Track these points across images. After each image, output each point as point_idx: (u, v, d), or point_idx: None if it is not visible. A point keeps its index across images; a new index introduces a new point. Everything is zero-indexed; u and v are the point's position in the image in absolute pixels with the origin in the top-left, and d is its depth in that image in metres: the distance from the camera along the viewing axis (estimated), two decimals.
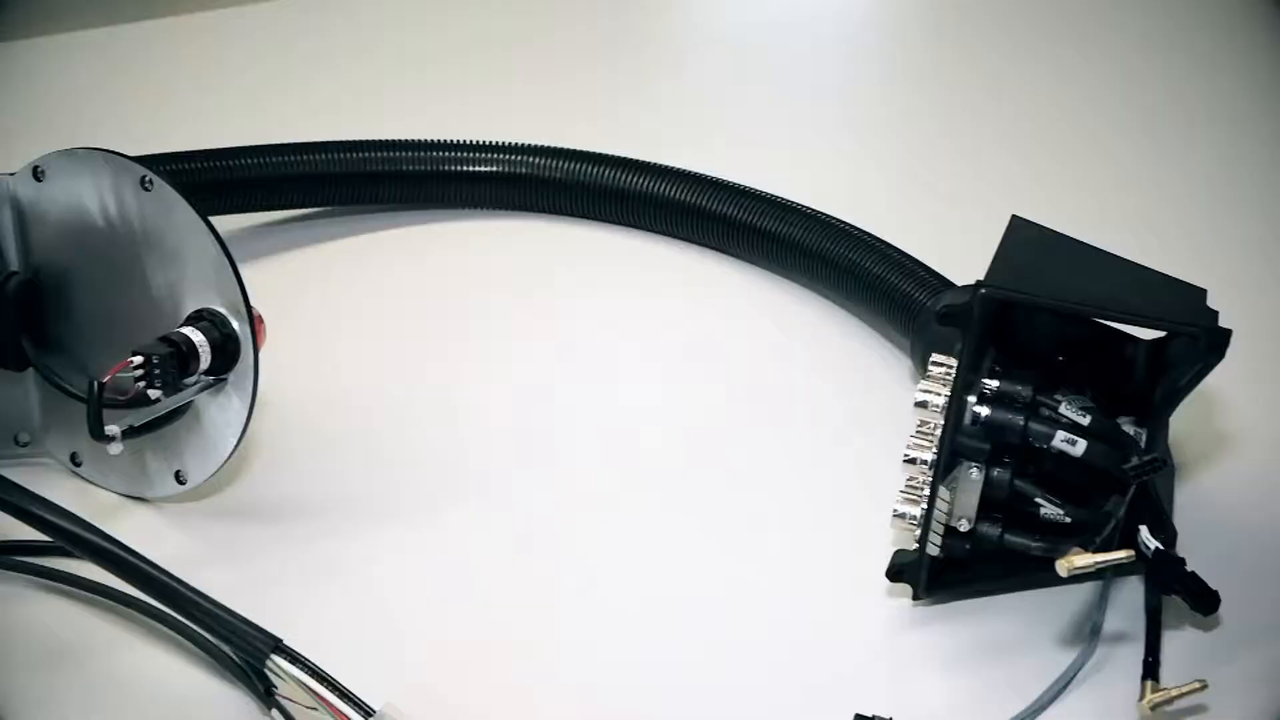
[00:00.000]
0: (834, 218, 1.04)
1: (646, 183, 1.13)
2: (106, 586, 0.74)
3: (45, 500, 0.72)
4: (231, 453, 0.80)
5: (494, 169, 1.15)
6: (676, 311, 1.06)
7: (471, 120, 1.22)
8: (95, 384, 0.74)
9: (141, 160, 0.79)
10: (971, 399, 0.72)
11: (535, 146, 1.16)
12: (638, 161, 1.15)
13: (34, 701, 0.70)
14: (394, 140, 1.15)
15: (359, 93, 1.40)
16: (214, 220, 0.78)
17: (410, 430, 0.91)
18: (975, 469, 0.72)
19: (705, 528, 0.83)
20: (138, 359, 0.75)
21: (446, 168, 1.15)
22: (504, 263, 1.12)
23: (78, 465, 0.86)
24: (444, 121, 1.20)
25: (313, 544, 0.81)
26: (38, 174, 0.82)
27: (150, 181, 0.78)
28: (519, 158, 1.16)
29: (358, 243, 1.13)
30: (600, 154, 1.16)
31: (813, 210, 1.06)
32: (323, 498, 0.85)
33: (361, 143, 1.14)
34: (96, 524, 0.71)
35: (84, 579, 0.75)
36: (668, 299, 1.07)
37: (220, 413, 0.80)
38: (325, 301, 1.05)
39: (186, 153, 1.08)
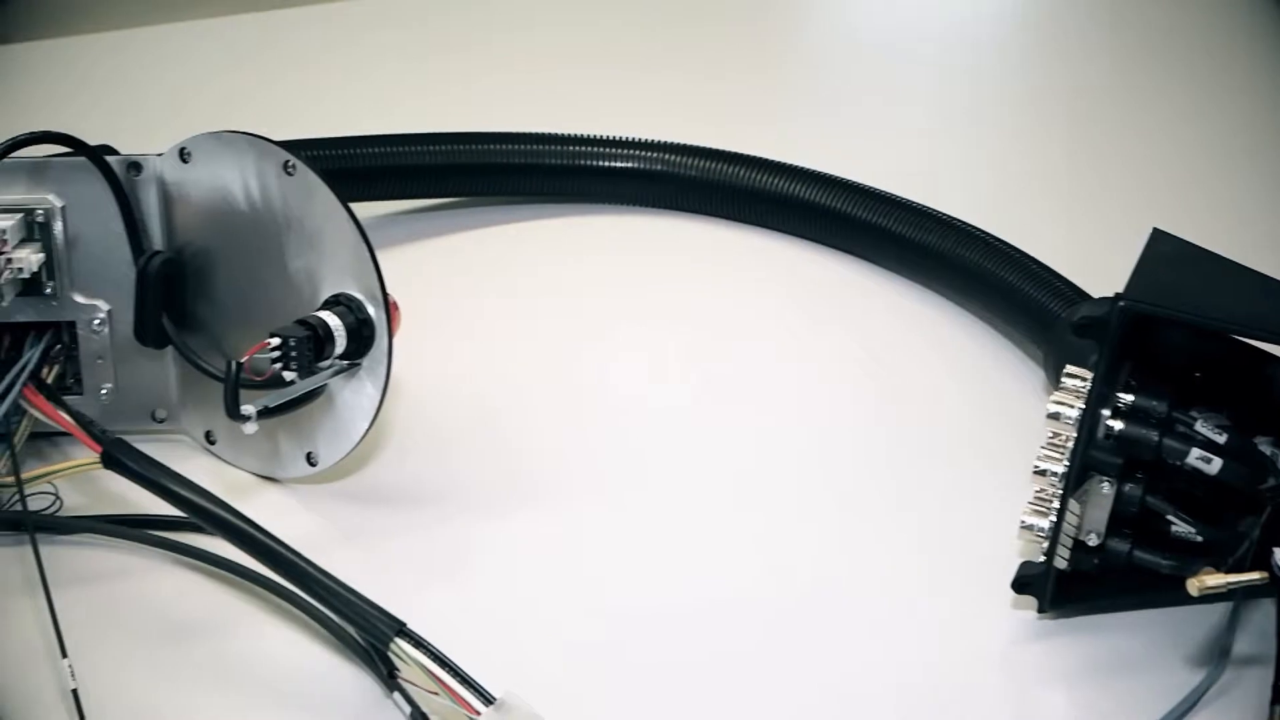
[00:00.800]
0: (969, 224, 1.04)
1: (784, 184, 1.13)
2: (236, 563, 0.76)
3: (181, 476, 0.74)
4: (362, 437, 0.81)
5: (629, 165, 1.16)
6: (804, 313, 1.06)
7: (597, 118, 1.22)
8: (233, 364, 0.75)
9: (285, 145, 0.81)
10: (1106, 412, 0.71)
11: (671, 144, 1.16)
12: (774, 162, 1.15)
13: (161, 672, 0.72)
14: (527, 134, 1.16)
15: (488, 88, 1.42)
16: (351, 207, 0.79)
17: (537, 422, 0.92)
18: (1107, 483, 0.71)
19: (828, 531, 0.83)
20: (275, 341, 0.76)
21: (581, 162, 1.16)
22: (634, 258, 1.12)
23: (212, 443, 0.87)
24: (570, 118, 1.21)
25: (438, 530, 0.82)
26: (184, 155, 0.83)
27: (293, 166, 0.80)
28: (654, 154, 1.16)
29: (489, 234, 1.14)
30: (735, 153, 1.16)
31: (948, 216, 1.05)
32: (449, 485, 0.85)
33: (494, 135, 1.15)
34: (229, 502, 0.72)
35: (214, 555, 0.77)
36: (797, 300, 1.07)
37: (353, 397, 0.81)
38: (457, 291, 1.06)
39: (327, 139, 1.09)
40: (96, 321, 0.85)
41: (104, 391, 0.87)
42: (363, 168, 1.09)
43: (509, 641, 0.74)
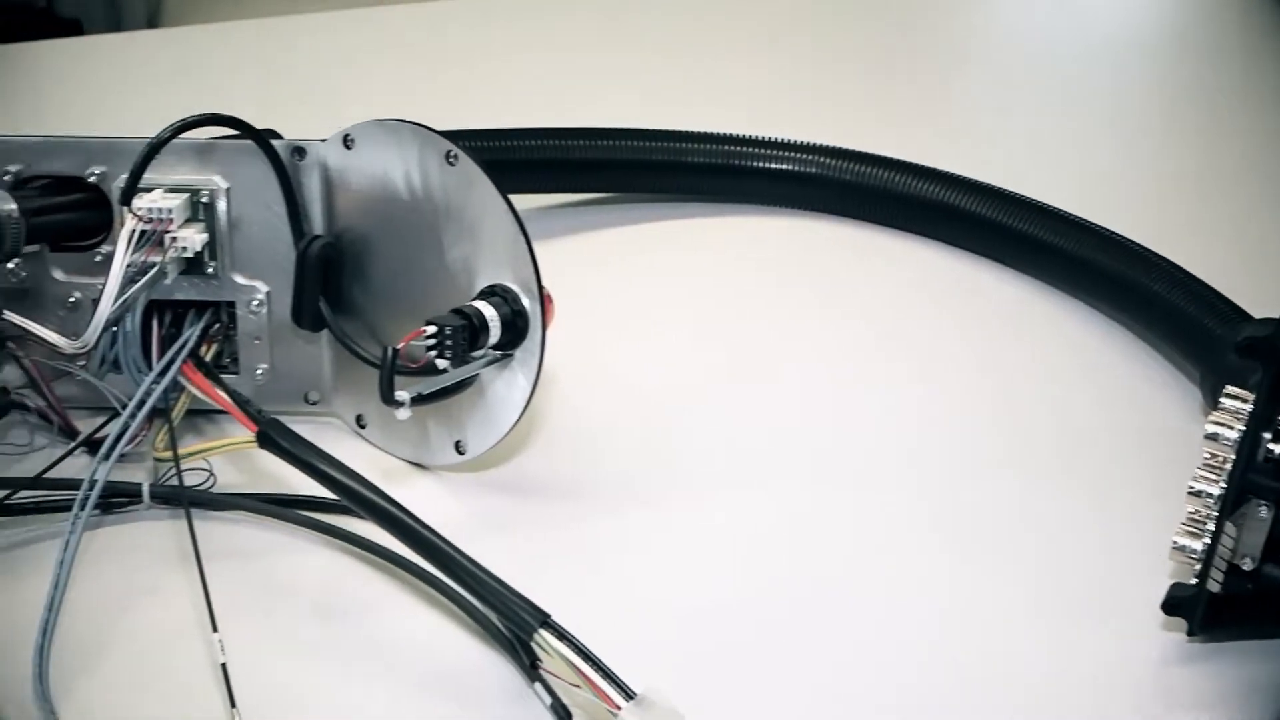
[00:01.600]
0: (1127, 238, 1.02)
1: (939, 191, 1.12)
2: (383, 547, 0.76)
3: (333, 459, 0.75)
4: (511, 428, 0.82)
5: (785, 167, 1.16)
6: (953, 322, 1.05)
7: (756, 119, 1.22)
8: (390, 350, 0.76)
9: (447, 134, 0.81)
10: (1267, 436, 0.69)
11: (824, 147, 1.16)
12: (930, 169, 1.14)
13: (306, 651, 0.73)
14: (680, 131, 1.16)
15: (638, 84, 1.42)
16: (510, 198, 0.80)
17: (685, 419, 0.92)
18: (1265, 508, 0.69)
19: (971, 545, 0.82)
20: (431, 329, 0.77)
21: (736, 162, 1.16)
22: (786, 259, 1.12)
23: (362, 427, 0.88)
24: (726, 117, 1.21)
25: (584, 524, 0.82)
26: (347, 142, 0.84)
27: (455, 156, 0.80)
28: (809, 157, 1.16)
29: (641, 230, 1.15)
30: (887, 158, 1.15)
31: (1106, 230, 1.04)
32: (597, 480, 0.85)
33: (650, 131, 1.15)
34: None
35: (362, 538, 0.78)
36: (946, 309, 1.07)
37: (504, 388, 0.81)
38: (609, 285, 1.07)
39: (487, 130, 1.10)
40: (255, 302, 0.87)
41: (259, 372, 0.88)
42: (521, 160, 1.10)
43: (651, 637, 0.74)
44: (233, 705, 0.66)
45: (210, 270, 0.86)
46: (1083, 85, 1.51)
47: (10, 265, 0.85)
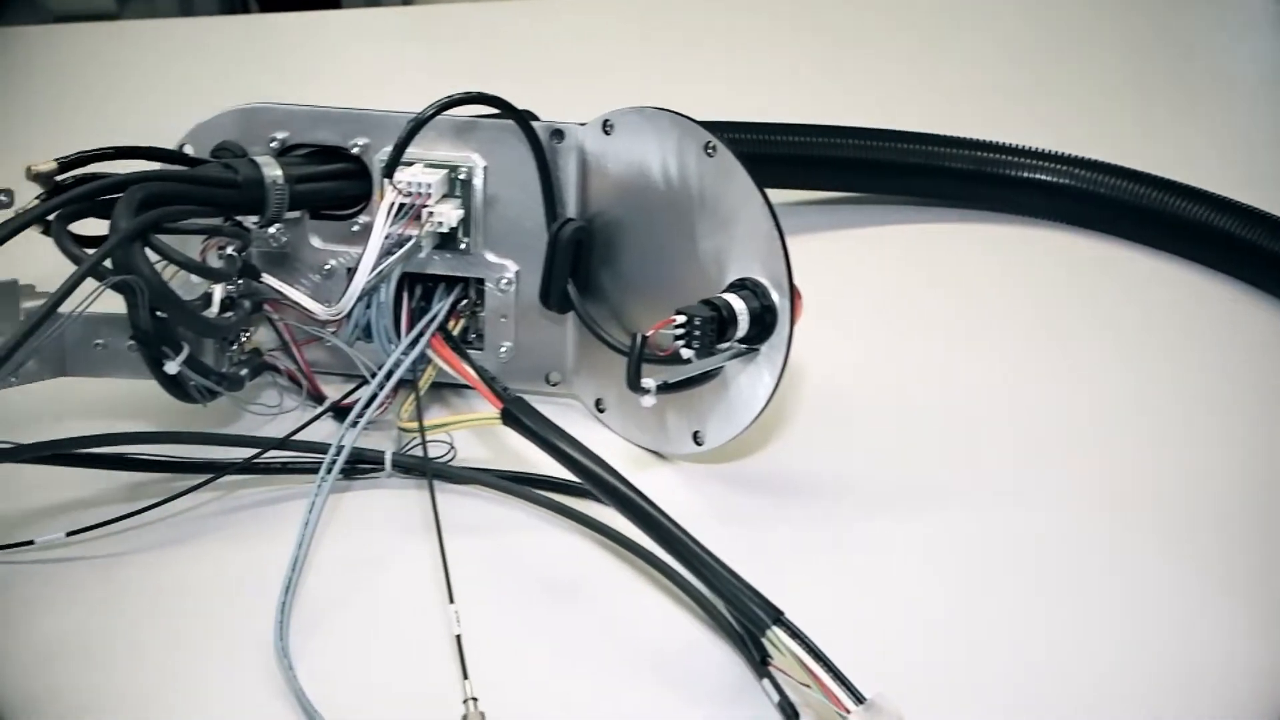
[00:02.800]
0: None
1: (1205, 214, 1.09)
2: (617, 531, 0.77)
3: (576, 441, 0.76)
4: (752, 421, 0.81)
5: (1043, 178, 1.14)
6: (1185, 332, 1.04)
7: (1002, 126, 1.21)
8: (639, 337, 0.76)
9: (707, 125, 0.81)
10: None
11: (1084, 159, 1.14)
12: (1179, 185, 1.12)
13: (538, 628, 0.73)
14: (938, 135, 1.15)
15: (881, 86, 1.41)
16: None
17: (925, 422, 0.91)
18: None
19: (1209, 557, 0.80)
20: (680, 318, 0.77)
21: (991, 170, 1.15)
22: (1039, 271, 1.11)
23: (601, 411, 0.89)
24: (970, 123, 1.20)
25: (820, 523, 0.81)
26: (606, 127, 0.85)
27: (713, 148, 0.80)
28: (1064, 168, 1.14)
29: (893, 231, 1.14)
30: (1137, 172, 1.14)
31: None
32: (834, 479, 0.85)
33: (908, 134, 1.15)
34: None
35: (597, 521, 0.78)
36: (1209, 339, 1.05)
37: (748, 381, 0.81)
38: (857, 285, 1.06)
39: (744, 123, 1.10)
40: (505, 281, 0.88)
41: (503, 349, 0.89)
42: (778, 155, 1.10)
43: (884, 642, 0.73)
44: (465, 676, 0.67)
45: (463, 246, 0.87)
46: None
47: (271, 230, 0.87)
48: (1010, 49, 1.64)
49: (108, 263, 0.73)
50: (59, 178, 0.78)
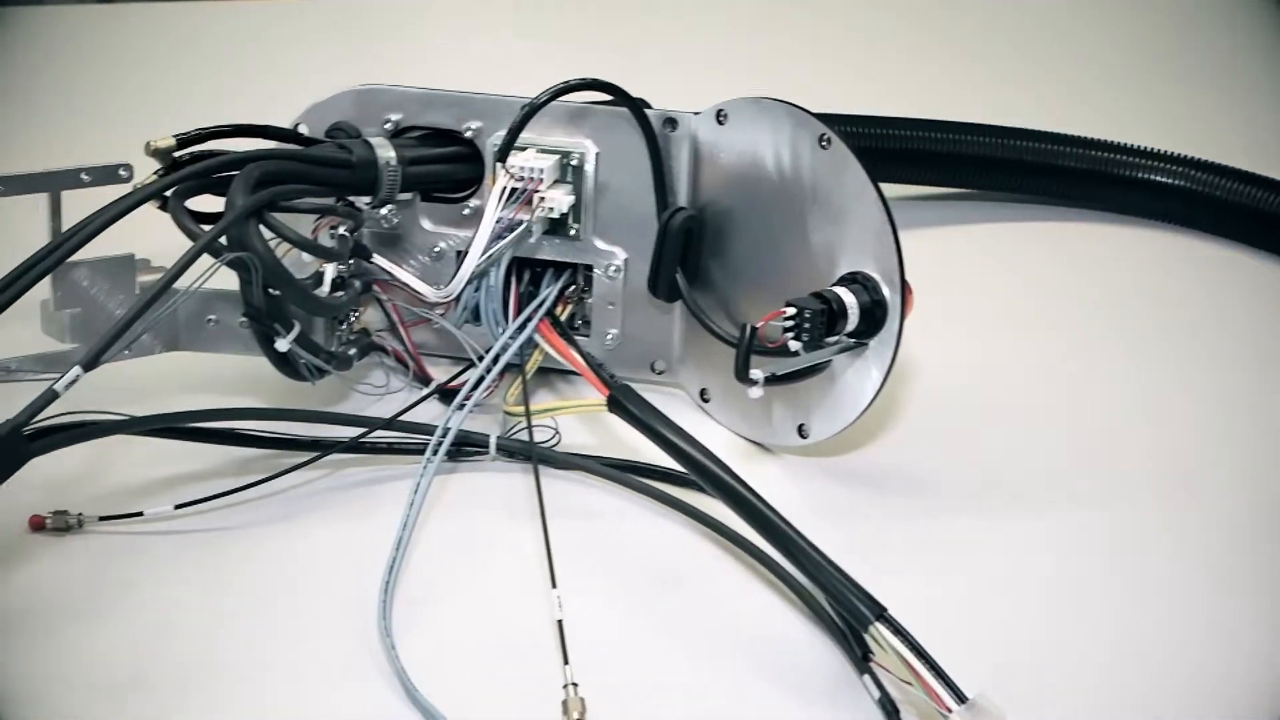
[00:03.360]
0: None
1: None
2: (720, 522, 0.77)
3: (683, 430, 0.76)
4: (858, 416, 0.81)
5: (1165, 180, 1.13)
6: None
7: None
8: (749, 328, 0.75)
9: (821, 118, 0.81)
10: None
11: (1200, 161, 1.13)
12: None
13: (638, 616, 0.73)
14: (1053, 134, 1.14)
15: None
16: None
17: (1034, 423, 0.91)
18: None
19: None
20: (790, 310, 0.76)
21: (1112, 170, 1.13)
22: (1146, 271, 1.10)
23: (705, 401, 0.89)
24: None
25: (922, 520, 0.81)
26: (720, 117, 0.84)
27: (828, 140, 0.80)
28: (1180, 169, 1.13)
29: (1004, 229, 1.13)
30: (1257, 176, 1.12)
31: None
32: (939, 477, 0.85)
33: (1023, 131, 1.14)
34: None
35: (700, 511, 0.78)
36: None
37: (855, 376, 0.81)
38: (967, 284, 1.06)
39: (859, 116, 1.10)
40: (613, 268, 0.88)
41: (609, 337, 0.89)
42: (892, 149, 1.10)
43: (986, 642, 0.72)
44: (565, 661, 0.67)
45: (573, 232, 0.87)
46: None
47: (383, 211, 0.87)
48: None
49: (223, 239, 0.74)
50: (177, 154, 0.79)
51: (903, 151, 1.11)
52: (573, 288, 0.90)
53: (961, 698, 0.63)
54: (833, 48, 1.59)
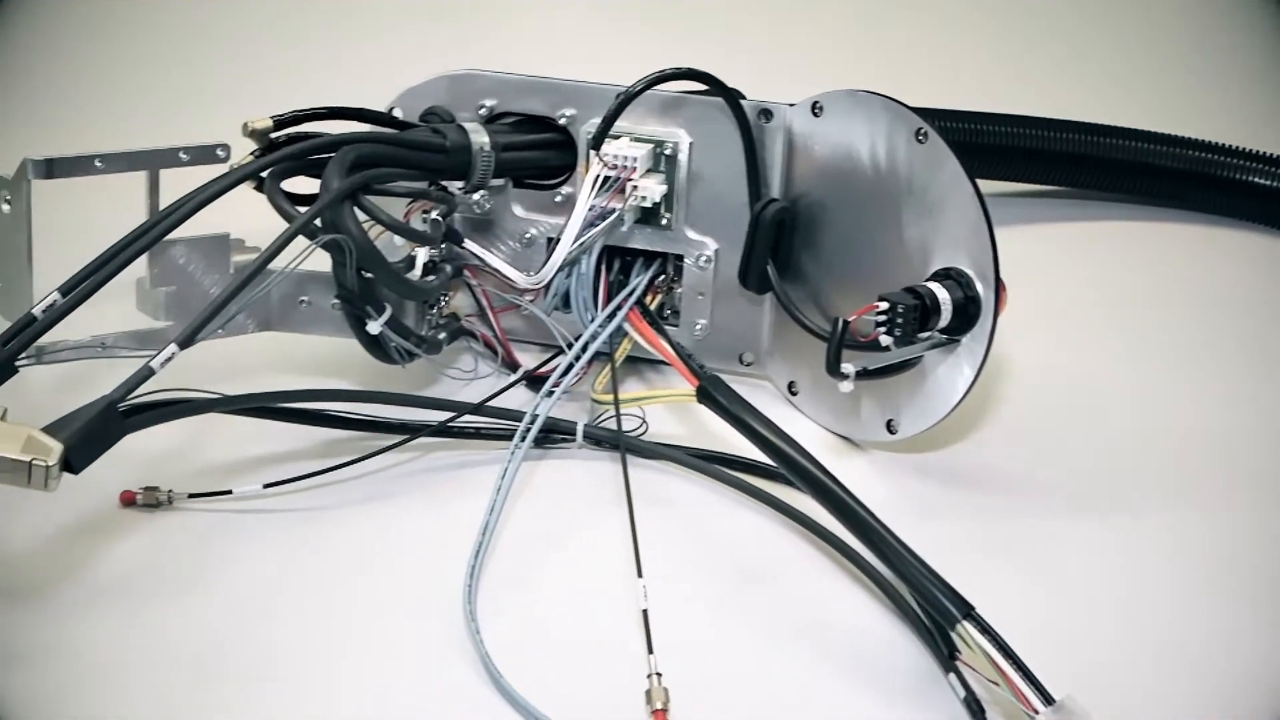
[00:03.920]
0: None
1: None
2: (806, 516, 0.77)
3: (773, 423, 0.75)
4: (949, 413, 0.80)
5: (1264, 182, 1.12)
6: None
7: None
8: (841, 322, 0.75)
9: (918, 111, 0.80)
10: None
11: None
12: None
13: (724, 609, 0.73)
14: (1148, 132, 1.13)
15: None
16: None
17: (1126, 426, 0.90)
18: None
19: None
20: (883, 305, 0.76)
21: (1209, 171, 1.12)
22: (1244, 275, 1.09)
23: (793, 394, 0.88)
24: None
25: (1011, 519, 0.80)
26: (816, 109, 0.84)
27: (925, 134, 0.79)
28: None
29: (1093, 229, 1.12)
30: None
31: None
32: (1029, 477, 0.84)
33: (1121, 130, 1.13)
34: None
35: (786, 504, 0.78)
36: None
37: (946, 373, 0.80)
38: (1060, 283, 1.05)
39: (956, 111, 1.09)
40: (704, 258, 0.88)
41: (699, 327, 0.89)
42: (991, 145, 1.09)
43: (1074, 643, 0.71)
44: (650, 651, 0.66)
45: (664, 222, 0.87)
46: None
47: (476, 197, 0.88)
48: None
49: (317, 221, 0.74)
50: (274, 135, 0.79)
51: (997, 147, 1.10)
52: (662, 277, 0.90)
53: (1049, 699, 0.62)
54: (927, 41, 1.58)
